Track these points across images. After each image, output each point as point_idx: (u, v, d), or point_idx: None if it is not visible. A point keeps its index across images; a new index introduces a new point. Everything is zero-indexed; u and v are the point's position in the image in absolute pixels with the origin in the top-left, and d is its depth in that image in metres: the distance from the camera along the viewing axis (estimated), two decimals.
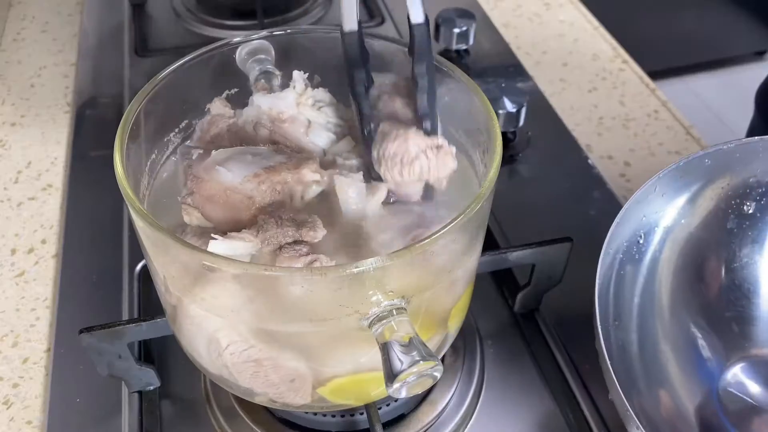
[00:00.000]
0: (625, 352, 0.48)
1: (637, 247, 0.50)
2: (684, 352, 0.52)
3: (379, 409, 0.48)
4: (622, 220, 0.47)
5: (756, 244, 0.53)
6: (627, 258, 0.49)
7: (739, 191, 0.51)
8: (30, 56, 0.88)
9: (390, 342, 0.33)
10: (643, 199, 0.49)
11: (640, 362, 0.49)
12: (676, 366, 0.51)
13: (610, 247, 0.46)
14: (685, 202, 0.51)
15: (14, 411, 0.52)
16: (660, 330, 0.51)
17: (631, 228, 0.49)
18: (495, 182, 0.37)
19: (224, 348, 0.38)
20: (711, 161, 0.49)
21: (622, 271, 0.49)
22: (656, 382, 0.49)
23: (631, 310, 0.50)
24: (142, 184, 0.42)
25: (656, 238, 0.51)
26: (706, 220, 0.52)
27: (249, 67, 0.46)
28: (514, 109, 0.66)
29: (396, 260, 0.32)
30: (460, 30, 0.76)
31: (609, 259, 0.47)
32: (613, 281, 0.48)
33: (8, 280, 0.61)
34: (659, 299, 0.52)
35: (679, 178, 0.49)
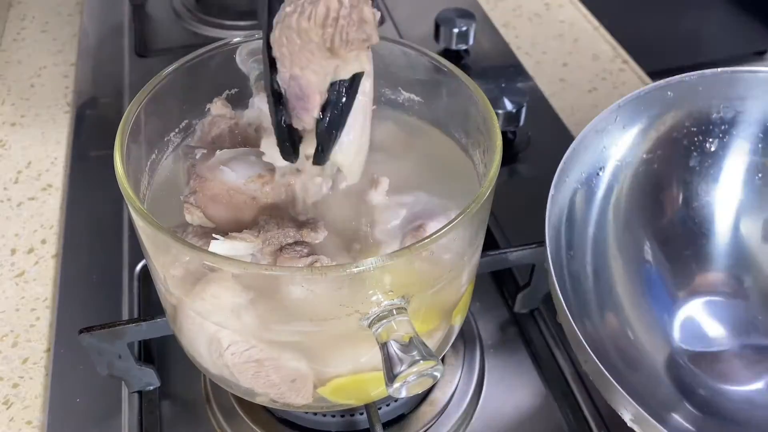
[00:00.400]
0: (579, 283, 0.48)
1: (596, 180, 0.49)
2: (639, 286, 0.51)
3: (379, 409, 0.48)
4: (579, 147, 0.46)
5: (717, 183, 0.52)
6: (585, 189, 0.48)
7: (702, 127, 0.50)
8: (30, 56, 0.88)
9: (390, 342, 0.33)
10: (603, 129, 0.48)
11: (594, 294, 0.49)
12: (631, 299, 0.50)
13: (565, 175, 0.46)
14: (645, 135, 0.50)
15: (14, 411, 0.52)
16: (614, 264, 0.51)
17: (590, 158, 0.48)
18: (495, 182, 0.37)
19: (225, 348, 0.38)
20: (673, 93, 0.49)
21: (578, 201, 0.48)
22: (610, 311, 0.49)
23: (586, 242, 0.49)
24: (142, 184, 0.42)
25: (615, 171, 0.50)
26: (667, 155, 0.51)
27: (249, 67, 0.46)
28: (514, 109, 0.66)
29: (396, 260, 0.32)
30: (460, 30, 0.76)
31: (565, 189, 0.46)
32: (568, 212, 0.47)
33: (8, 280, 0.61)
34: (616, 234, 0.51)
35: (641, 109, 0.48)
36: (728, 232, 0.53)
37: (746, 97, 0.50)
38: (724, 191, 0.53)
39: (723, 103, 0.50)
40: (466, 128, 0.44)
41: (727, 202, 0.53)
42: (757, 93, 0.50)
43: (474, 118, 0.42)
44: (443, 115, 0.47)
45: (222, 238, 0.36)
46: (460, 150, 0.46)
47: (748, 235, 0.53)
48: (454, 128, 0.46)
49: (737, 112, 0.51)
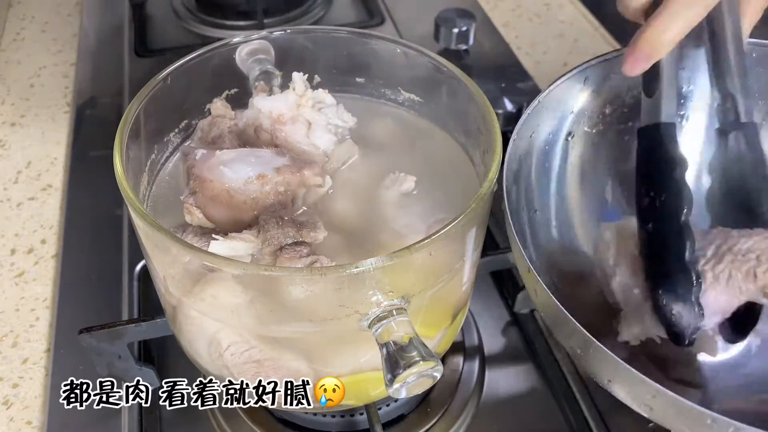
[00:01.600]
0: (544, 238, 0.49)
1: (565, 144, 0.50)
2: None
3: (379, 409, 0.48)
4: (544, 101, 0.47)
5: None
6: (552, 150, 0.49)
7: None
8: (30, 56, 0.88)
9: (390, 342, 0.33)
10: (569, 87, 0.48)
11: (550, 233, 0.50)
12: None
13: (526, 131, 0.46)
14: (607, 94, 0.50)
15: (14, 411, 0.52)
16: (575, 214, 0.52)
17: (556, 119, 0.49)
18: (495, 182, 0.37)
19: (225, 349, 0.38)
20: None
21: (546, 163, 0.49)
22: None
23: (549, 198, 0.50)
24: (142, 184, 0.42)
25: (581, 137, 0.51)
26: (628, 113, 0.51)
27: (249, 67, 0.46)
28: (514, 109, 0.66)
29: (396, 260, 0.32)
30: (460, 30, 0.76)
31: (527, 146, 0.47)
32: (535, 167, 0.48)
33: (8, 280, 0.61)
34: (580, 180, 0.52)
35: (607, 72, 0.49)
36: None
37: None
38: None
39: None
40: (466, 128, 0.44)
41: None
42: None
43: (474, 118, 0.42)
44: (443, 115, 0.47)
45: (222, 238, 0.36)
46: (460, 150, 0.46)
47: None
48: (454, 128, 0.46)
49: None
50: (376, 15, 0.91)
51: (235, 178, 0.39)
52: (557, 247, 0.51)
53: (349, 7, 0.95)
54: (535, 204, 0.50)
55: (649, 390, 0.35)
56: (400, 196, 0.42)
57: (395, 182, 0.42)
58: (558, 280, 0.49)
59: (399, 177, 0.42)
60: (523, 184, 0.48)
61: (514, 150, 0.45)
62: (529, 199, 0.49)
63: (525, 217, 0.48)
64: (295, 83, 0.45)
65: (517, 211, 0.47)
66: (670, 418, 0.37)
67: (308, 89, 0.45)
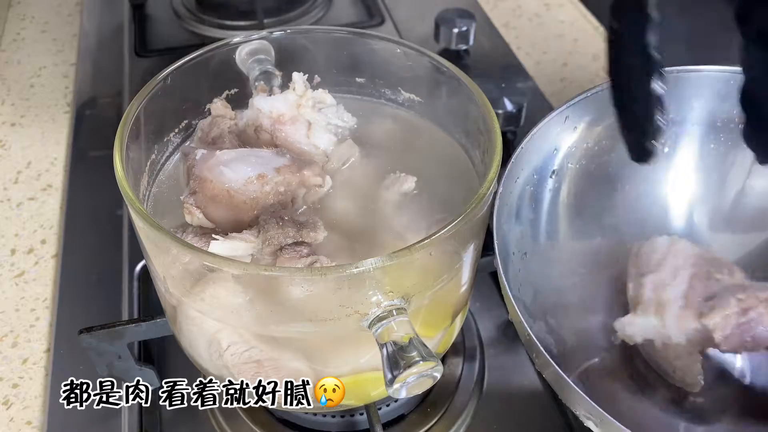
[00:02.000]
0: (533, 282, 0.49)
1: (550, 182, 0.51)
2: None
3: (379, 409, 0.48)
4: (528, 147, 0.47)
5: (667, 177, 0.54)
6: (534, 188, 0.50)
7: None
8: (30, 56, 0.88)
9: (390, 342, 0.33)
10: (552, 129, 0.49)
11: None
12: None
13: (515, 174, 0.47)
14: (592, 131, 0.51)
15: (14, 411, 0.52)
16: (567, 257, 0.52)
17: (539, 158, 0.49)
18: (495, 182, 0.37)
19: (225, 349, 0.38)
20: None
21: (527, 200, 0.50)
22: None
23: (539, 240, 0.51)
24: (142, 184, 0.42)
25: (566, 174, 0.51)
26: (615, 149, 0.52)
27: (249, 67, 0.46)
28: (514, 109, 0.66)
29: (396, 260, 0.32)
30: (460, 30, 0.76)
31: (515, 189, 0.47)
32: (517, 211, 0.48)
33: (8, 280, 0.61)
34: (568, 224, 0.52)
35: (590, 109, 0.50)
36: (682, 221, 0.54)
37: (692, 96, 0.52)
38: (675, 184, 0.54)
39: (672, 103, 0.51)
40: (466, 128, 0.44)
41: (679, 194, 0.54)
42: (702, 92, 0.52)
43: (474, 118, 0.42)
44: (443, 115, 0.47)
45: (222, 238, 0.36)
46: (460, 150, 0.46)
47: (699, 223, 0.54)
48: (454, 128, 0.46)
49: (685, 112, 0.52)
50: (376, 15, 0.91)
51: (235, 179, 0.39)
52: (551, 283, 0.51)
53: (349, 7, 0.95)
54: (526, 247, 0.50)
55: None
56: (401, 196, 0.42)
57: (396, 182, 0.42)
58: (553, 318, 0.49)
59: (399, 177, 0.42)
60: (514, 230, 0.48)
61: (502, 201, 0.45)
62: (519, 242, 0.49)
63: (518, 262, 0.48)
64: (296, 83, 0.45)
65: (508, 256, 0.47)
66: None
67: (308, 89, 0.45)
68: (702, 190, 0.54)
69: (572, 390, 0.37)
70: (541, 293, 0.49)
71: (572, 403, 0.38)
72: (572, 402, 0.38)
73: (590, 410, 0.37)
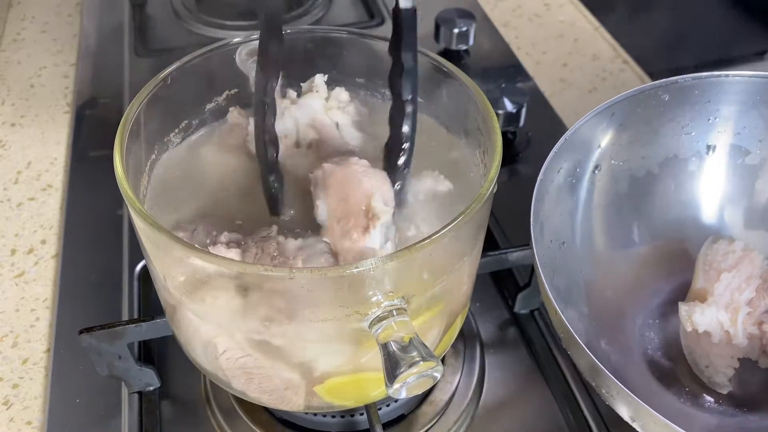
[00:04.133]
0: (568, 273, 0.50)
1: (586, 171, 0.51)
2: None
3: (379, 409, 0.48)
4: (572, 138, 0.48)
5: (702, 178, 0.55)
6: (573, 181, 0.50)
7: (697, 127, 0.53)
8: (30, 56, 0.88)
9: (390, 342, 0.33)
10: (596, 124, 0.50)
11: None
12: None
13: (557, 164, 0.47)
14: (636, 134, 0.52)
15: (14, 411, 0.52)
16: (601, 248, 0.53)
17: (581, 153, 0.50)
18: (495, 182, 0.37)
19: (220, 353, 0.38)
20: (668, 96, 0.51)
21: (566, 192, 0.50)
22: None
23: (575, 232, 0.51)
24: (142, 184, 0.42)
25: (608, 170, 0.52)
26: (665, 161, 0.54)
27: (249, 67, 0.46)
28: (514, 109, 0.66)
29: (396, 260, 0.32)
30: (460, 30, 0.76)
31: (555, 180, 0.48)
32: (555, 201, 0.49)
33: (8, 280, 0.61)
34: (604, 220, 0.53)
35: (635, 108, 0.50)
36: (714, 220, 0.55)
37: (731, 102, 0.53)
38: (709, 185, 0.55)
39: (715, 106, 0.52)
40: (466, 128, 0.44)
41: (712, 194, 0.55)
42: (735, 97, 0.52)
43: (474, 118, 0.42)
44: (443, 115, 0.47)
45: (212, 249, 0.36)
46: (461, 150, 0.46)
47: (731, 223, 0.55)
48: (454, 128, 0.46)
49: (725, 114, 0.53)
50: (376, 15, 0.91)
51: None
52: (587, 276, 0.52)
53: (349, 7, 0.95)
54: (563, 236, 0.50)
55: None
56: (430, 195, 0.42)
57: (431, 179, 0.42)
58: (586, 307, 0.50)
59: (437, 177, 0.42)
60: (551, 219, 0.49)
61: (542, 189, 0.46)
62: (557, 232, 0.50)
63: (555, 251, 0.49)
64: (318, 87, 0.45)
65: (545, 245, 0.47)
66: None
67: (331, 91, 0.46)
68: (736, 188, 0.55)
69: (597, 366, 0.38)
70: (577, 284, 0.50)
71: (595, 377, 0.39)
72: (595, 376, 0.39)
73: (612, 386, 0.38)
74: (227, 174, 0.45)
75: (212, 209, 0.42)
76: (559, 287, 0.46)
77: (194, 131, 0.47)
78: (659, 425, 0.36)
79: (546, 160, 0.47)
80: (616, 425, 0.49)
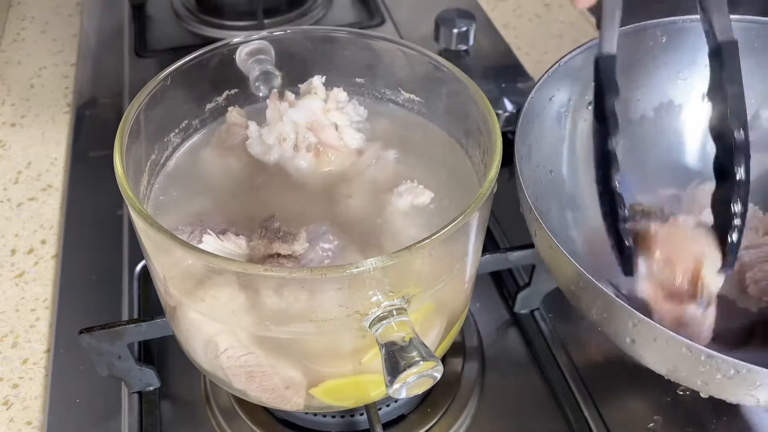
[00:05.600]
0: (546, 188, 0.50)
1: (585, 112, 0.51)
2: None
3: (379, 409, 0.48)
4: (565, 67, 0.48)
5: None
6: (574, 116, 0.50)
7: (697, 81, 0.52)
8: (30, 56, 0.88)
9: (390, 342, 0.33)
10: (592, 58, 0.48)
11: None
12: None
13: (545, 93, 0.48)
14: (636, 78, 0.52)
15: (14, 411, 0.52)
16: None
17: (576, 84, 0.50)
18: (495, 182, 0.37)
19: (222, 351, 0.38)
20: (666, 37, 0.51)
21: (563, 129, 0.50)
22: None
23: (562, 157, 0.52)
24: (142, 184, 0.42)
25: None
26: (660, 105, 0.53)
27: (249, 67, 0.46)
28: (514, 110, 0.66)
29: (396, 260, 0.32)
30: (460, 30, 0.76)
31: (545, 107, 0.48)
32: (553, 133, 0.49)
33: (8, 280, 0.61)
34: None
35: (633, 43, 0.50)
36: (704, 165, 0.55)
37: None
38: (701, 132, 0.55)
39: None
40: (466, 128, 0.44)
41: (704, 141, 0.55)
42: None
43: (474, 119, 0.42)
44: (443, 116, 0.47)
45: (215, 236, 0.36)
46: (461, 150, 0.46)
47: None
48: (454, 128, 0.46)
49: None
50: (376, 15, 0.91)
51: None
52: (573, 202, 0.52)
53: (349, 7, 0.95)
54: (551, 165, 0.50)
55: (632, 318, 0.36)
56: (412, 207, 0.42)
57: (410, 192, 0.41)
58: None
59: (416, 188, 0.42)
60: (540, 145, 0.49)
61: (530, 107, 0.46)
62: (544, 159, 0.49)
63: (542, 175, 0.49)
64: (317, 88, 0.45)
65: (531, 169, 0.47)
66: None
67: (328, 92, 0.46)
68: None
69: (562, 254, 0.38)
70: (561, 215, 0.50)
71: (558, 266, 0.40)
72: (558, 265, 0.40)
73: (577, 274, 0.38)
74: (226, 174, 0.45)
75: (212, 210, 0.42)
76: (542, 210, 0.46)
77: (194, 131, 0.47)
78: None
79: (537, 82, 0.47)
80: (615, 425, 0.49)
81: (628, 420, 0.50)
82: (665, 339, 0.35)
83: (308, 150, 0.44)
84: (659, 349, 0.36)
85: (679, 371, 0.37)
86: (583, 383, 0.52)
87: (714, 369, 0.34)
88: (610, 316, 0.38)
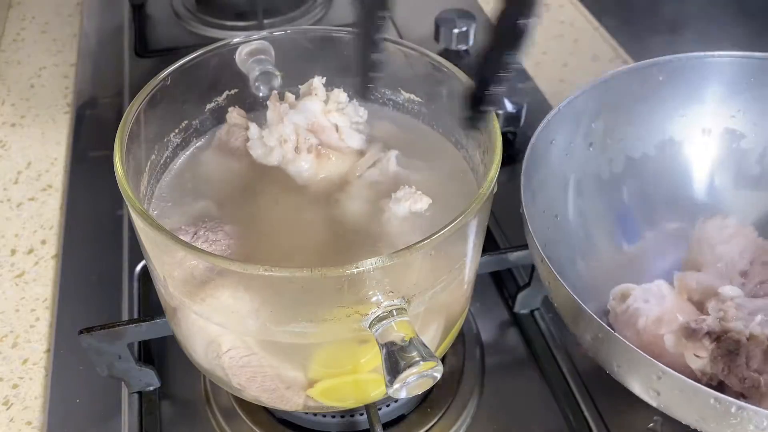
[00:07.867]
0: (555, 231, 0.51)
1: (586, 153, 0.52)
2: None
3: (379, 409, 0.48)
4: (566, 111, 0.49)
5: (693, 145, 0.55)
6: (576, 158, 0.51)
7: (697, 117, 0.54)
8: (30, 56, 0.88)
9: (390, 342, 0.33)
10: (591, 101, 0.50)
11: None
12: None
13: (546, 136, 0.48)
14: (635, 117, 0.53)
15: (14, 412, 0.52)
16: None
17: (576, 127, 0.51)
18: (495, 182, 0.37)
19: (224, 351, 0.38)
20: (664, 78, 0.52)
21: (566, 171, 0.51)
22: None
23: (567, 201, 0.53)
24: (142, 184, 0.42)
25: (603, 148, 0.53)
26: (661, 143, 0.55)
27: (249, 67, 0.46)
28: (514, 110, 0.66)
29: (396, 260, 0.32)
30: (460, 30, 0.76)
31: (548, 147, 0.49)
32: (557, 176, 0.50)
33: (8, 280, 0.61)
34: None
35: (630, 84, 0.51)
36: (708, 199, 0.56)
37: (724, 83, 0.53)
38: (705, 167, 0.56)
39: (709, 88, 0.53)
40: None
41: (708, 176, 0.56)
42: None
43: None
44: (443, 116, 0.47)
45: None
46: (460, 150, 0.46)
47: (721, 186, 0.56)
48: (454, 128, 0.46)
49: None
50: None
51: None
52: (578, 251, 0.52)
53: (349, 7, 0.95)
54: (556, 209, 0.51)
55: (656, 371, 0.36)
56: (409, 213, 0.42)
57: (408, 198, 0.41)
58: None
59: (414, 194, 0.41)
60: (544, 188, 0.49)
61: (533, 152, 0.47)
62: (550, 204, 0.50)
63: (548, 221, 0.49)
64: (317, 89, 0.45)
65: (537, 214, 0.48)
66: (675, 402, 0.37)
67: (329, 93, 0.46)
68: (731, 170, 0.56)
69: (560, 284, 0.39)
70: (570, 260, 0.50)
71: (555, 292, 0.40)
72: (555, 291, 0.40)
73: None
74: (227, 175, 0.45)
75: (212, 210, 0.42)
76: (551, 258, 0.46)
77: (194, 131, 0.47)
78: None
79: (538, 127, 0.47)
80: (616, 425, 0.49)
81: (628, 420, 0.50)
82: (692, 391, 0.35)
83: (309, 151, 0.44)
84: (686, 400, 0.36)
85: (707, 422, 0.37)
86: (583, 383, 0.52)
87: (746, 421, 0.34)
88: (631, 368, 0.39)
